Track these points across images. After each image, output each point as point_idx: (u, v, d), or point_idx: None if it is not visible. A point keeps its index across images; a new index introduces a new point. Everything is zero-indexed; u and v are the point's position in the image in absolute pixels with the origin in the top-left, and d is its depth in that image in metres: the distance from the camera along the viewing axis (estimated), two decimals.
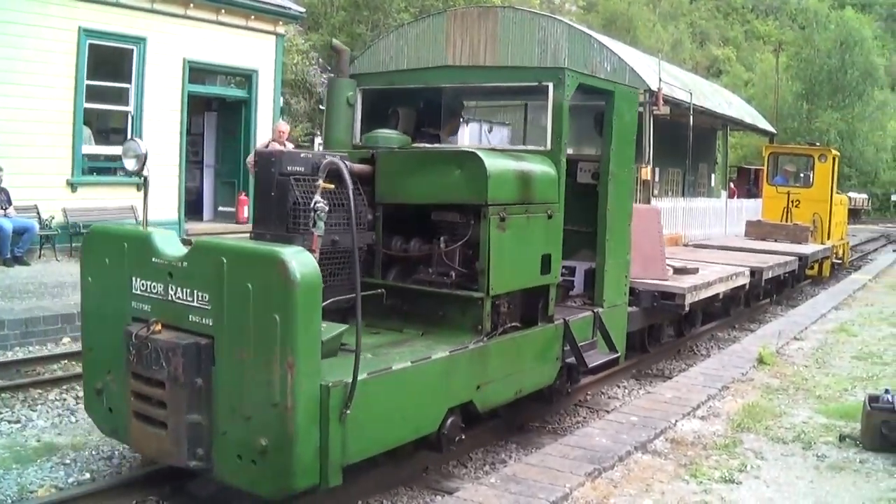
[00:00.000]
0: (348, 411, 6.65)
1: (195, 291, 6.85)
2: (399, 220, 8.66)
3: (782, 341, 13.31)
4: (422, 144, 10.01)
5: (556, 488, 6.83)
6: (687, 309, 13.52)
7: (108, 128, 22.91)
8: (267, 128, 25.30)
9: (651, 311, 13.06)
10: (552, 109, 9.37)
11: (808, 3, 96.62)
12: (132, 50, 22.09)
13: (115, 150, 21.88)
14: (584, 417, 10.92)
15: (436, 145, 10.36)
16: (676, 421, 8.87)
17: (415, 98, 10.86)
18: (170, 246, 7.20)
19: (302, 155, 8.14)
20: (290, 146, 19.30)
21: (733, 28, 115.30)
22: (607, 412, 10.45)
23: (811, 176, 29.12)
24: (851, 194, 37.39)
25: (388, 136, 9.56)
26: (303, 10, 28.77)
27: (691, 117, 35.22)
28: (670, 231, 23.29)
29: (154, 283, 7.13)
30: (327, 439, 6.57)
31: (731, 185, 45.91)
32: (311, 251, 6.90)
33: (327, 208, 7.32)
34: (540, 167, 9.20)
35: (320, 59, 47.87)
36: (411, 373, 7.50)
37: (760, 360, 11.74)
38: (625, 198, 10.97)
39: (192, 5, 23.23)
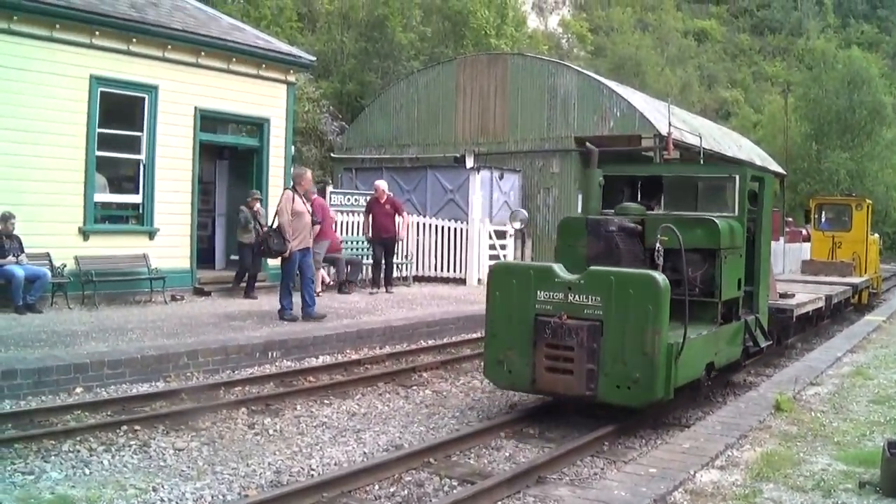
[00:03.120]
0: (680, 358, 11.58)
1: (590, 296, 11.69)
2: (663, 259, 12.56)
3: (799, 387, 13.18)
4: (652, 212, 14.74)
5: None
6: (794, 319, 18.67)
7: (120, 176, 22.79)
8: (279, 176, 25.37)
9: (770, 321, 16.88)
10: (738, 192, 14.40)
11: (816, 43, 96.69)
12: (144, 98, 22.16)
13: (128, 198, 22.00)
14: (602, 468, 10.73)
15: (674, 212, 14.51)
16: (695, 472, 8.74)
17: (634, 181, 15.61)
18: (564, 273, 12.07)
19: (616, 220, 13.22)
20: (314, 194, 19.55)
21: (741, 70, 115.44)
22: (625, 462, 10.42)
23: (849, 221, 35.05)
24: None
25: (635, 206, 14.28)
26: (313, 58, 28.74)
27: (701, 160, 35.20)
28: None
29: (556, 294, 11.96)
30: (670, 372, 11.49)
31: None
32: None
33: (663, 251, 12.31)
34: (735, 226, 14.09)
35: (331, 107, 47.94)
36: (698, 340, 12.50)
37: (778, 407, 11.62)
38: (768, 245, 16.15)
39: (203, 53, 23.34)
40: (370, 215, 26.02)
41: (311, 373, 15.70)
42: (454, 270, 31.57)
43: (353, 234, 28.21)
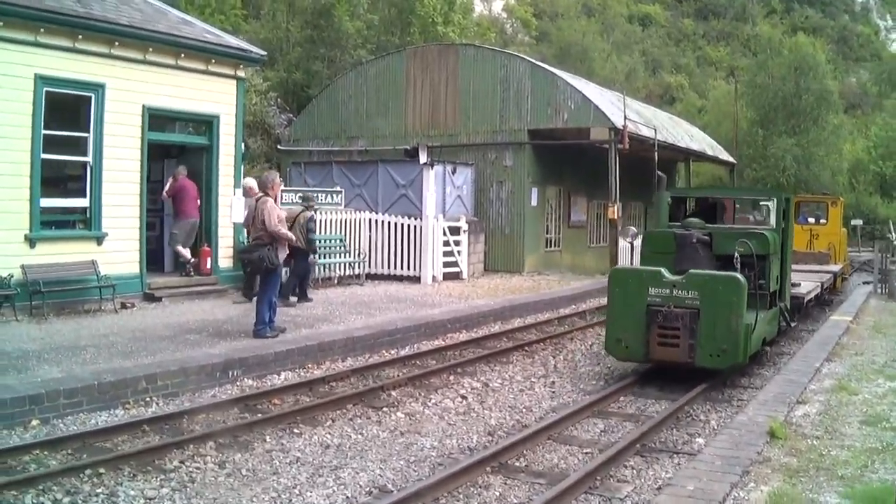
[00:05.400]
0: (753, 334, 15.95)
1: (689, 291, 15.86)
2: (725, 261, 17.01)
3: (787, 408, 12.81)
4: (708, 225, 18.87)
5: None
6: (805, 304, 23.96)
7: (67, 178, 22.00)
8: (229, 175, 24.82)
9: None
10: (776, 210, 19.37)
11: (762, 29, 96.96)
12: (90, 97, 21.40)
13: (74, 202, 21.17)
14: None
15: (728, 226, 20.02)
16: None
17: (692, 200, 21.34)
18: (669, 276, 16.25)
19: (696, 233, 17.61)
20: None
21: (685, 55, 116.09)
22: (620, 500, 9.89)
23: (824, 216, 40.25)
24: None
25: (696, 221, 18.46)
26: (264, 52, 27.97)
27: (656, 154, 34.89)
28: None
29: (663, 290, 16.09)
30: (747, 344, 15.74)
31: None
32: None
33: (740, 259, 16.62)
34: (776, 236, 18.44)
35: (278, 99, 47.22)
36: (760, 321, 16.56)
37: (773, 434, 11.20)
38: (790, 250, 21.27)
39: (151, 49, 22.61)
40: None
41: (276, 394, 14.97)
42: (408, 268, 31.07)
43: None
